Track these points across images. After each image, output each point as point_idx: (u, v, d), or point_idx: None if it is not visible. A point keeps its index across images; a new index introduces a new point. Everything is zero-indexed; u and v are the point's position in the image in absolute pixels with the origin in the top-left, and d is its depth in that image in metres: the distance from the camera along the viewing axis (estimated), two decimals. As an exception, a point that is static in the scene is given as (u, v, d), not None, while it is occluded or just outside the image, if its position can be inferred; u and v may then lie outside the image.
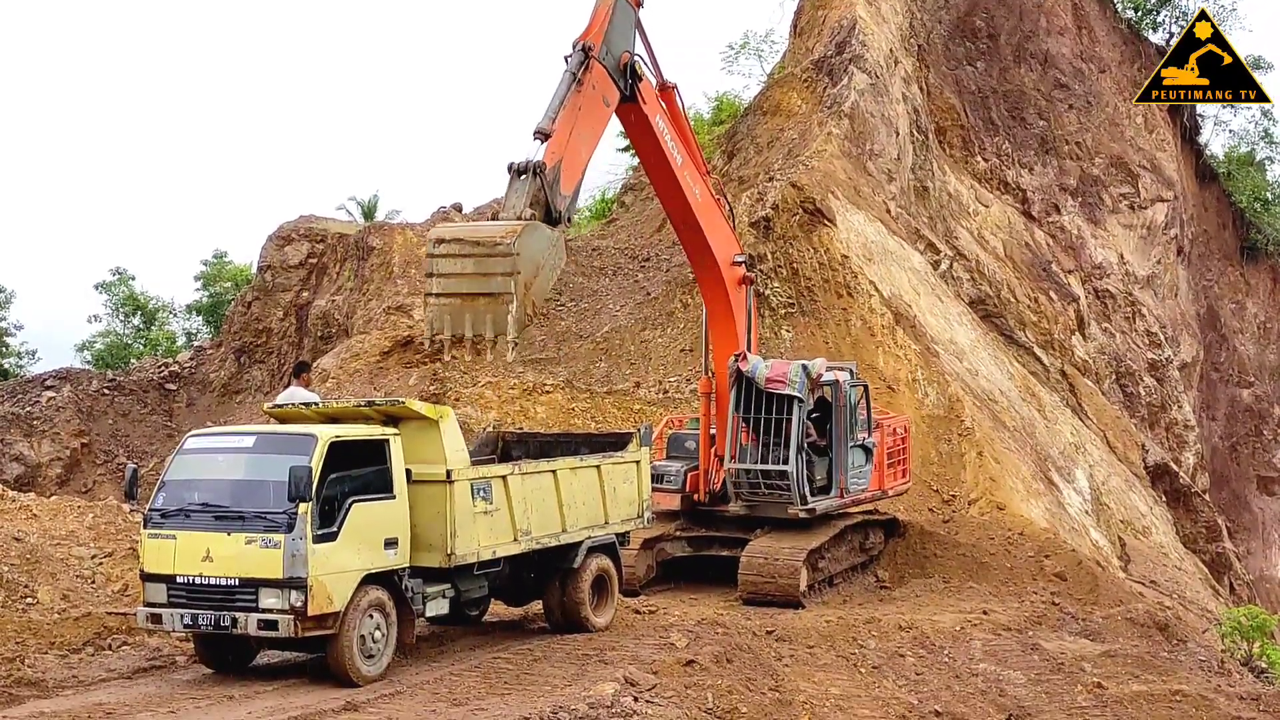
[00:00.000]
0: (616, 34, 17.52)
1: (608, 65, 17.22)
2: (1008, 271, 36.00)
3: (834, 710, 13.64)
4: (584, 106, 16.84)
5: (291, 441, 12.80)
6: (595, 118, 17.27)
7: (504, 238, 14.48)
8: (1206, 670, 17.18)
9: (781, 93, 34.57)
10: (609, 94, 17.36)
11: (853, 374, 21.07)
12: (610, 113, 17.65)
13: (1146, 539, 30.45)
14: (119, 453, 30.42)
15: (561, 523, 15.03)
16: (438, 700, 11.94)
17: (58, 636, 14.34)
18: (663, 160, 18.64)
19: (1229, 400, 47.13)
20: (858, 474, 20.64)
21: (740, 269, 20.48)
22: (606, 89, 17.26)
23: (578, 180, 16.86)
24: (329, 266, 34.32)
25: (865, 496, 21.06)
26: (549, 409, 26.44)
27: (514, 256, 14.48)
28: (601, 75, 17.06)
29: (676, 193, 19.13)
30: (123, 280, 46.53)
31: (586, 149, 17.19)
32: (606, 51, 17.24)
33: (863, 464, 20.77)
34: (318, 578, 12.11)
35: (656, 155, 18.68)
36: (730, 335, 20.44)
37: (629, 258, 34.20)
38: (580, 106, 16.72)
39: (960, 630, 17.12)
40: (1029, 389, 31.14)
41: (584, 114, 16.88)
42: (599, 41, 17.03)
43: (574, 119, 16.58)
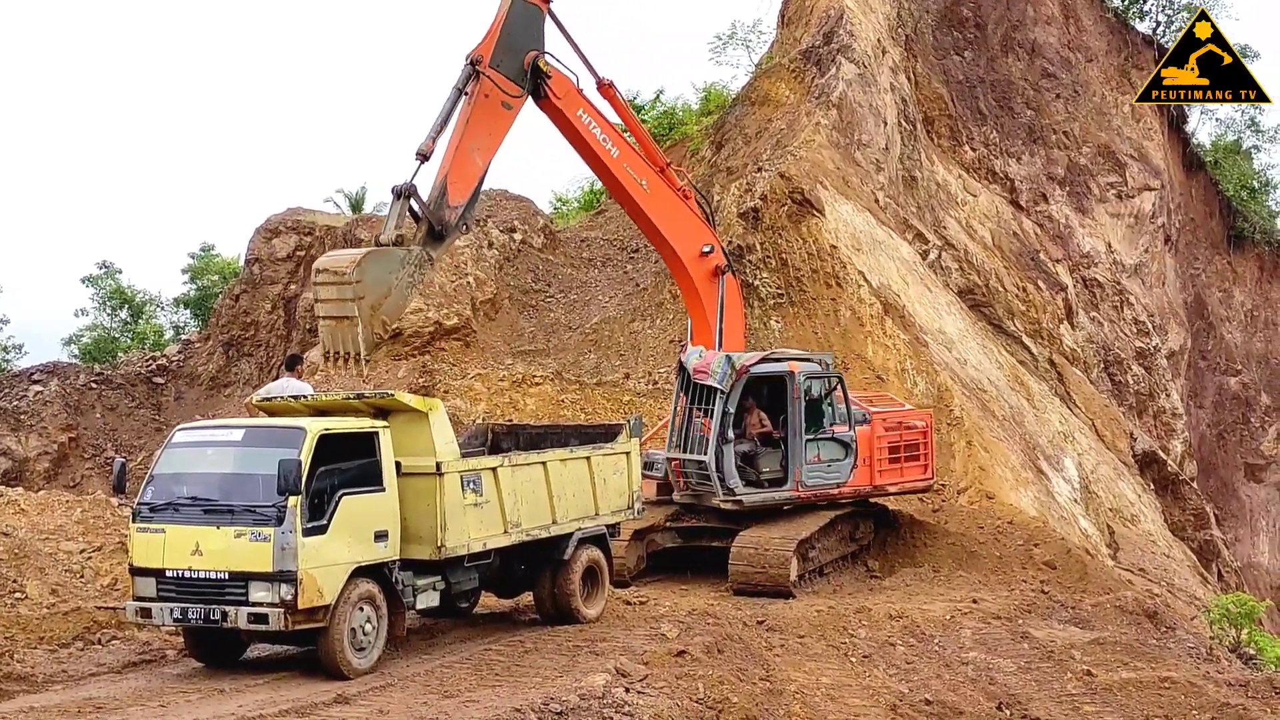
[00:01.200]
0: (519, 37, 18.28)
1: (505, 71, 18.01)
2: (996, 261, 36.04)
3: (825, 699, 13.66)
4: (474, 117, 17.76)
5: (280, 435, 12.77)
6: (492, 124, 18.06)
7: (346, 268, 15.91)
8: (1195, 657, 17.25)
9: (769, 83, 34.55)
10: (508, 97, 18.13)
11: (826, 365, 20.86)
12: (513, 114, 18.33)
13: (1135, 527, 30.55)
14: (107, 447, 30.33)
15: (552, 514, 15.02)
16: (429, 692, 11.93)
17: (47, 631, 14.31)
18: (592, 153, 19.27)
19: (1216, 388, 47.29)
20: (828, 468, 20.23)
21: (710, 260, 20.58)
22: (504, 94, 18.05)
23: (473, 187, 17.86)
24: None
25: (840, 492, 20.50)
26: (538, 401, 26.43)
27: (354, 284, 15.84)
28: (497, 82, 17.90)
29: (618, 186, 19.79)
30: (110, 274, 46.40)
31: (482, 156, 18.07)
32: (503, 58, 18.05)
33: (839, 458, 20.36)
34: (308, 571, 12.09)
35: (585, 149, 19.28)
36: (703, 326, 20.69)
37: (618, 249, 34.20)
38: (469, 118, 17.65)
39: (950, 619, 17.16)
40: (1017, 378, 31.20)
41: (475, 124, 17.82)
42: (488, 52, 17.87)
43: (462, 130, 17.51)
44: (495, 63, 18.04)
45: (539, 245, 33.47)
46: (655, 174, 19.98)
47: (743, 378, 19.69)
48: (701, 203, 21.52)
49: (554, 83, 18.78)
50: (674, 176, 20.55)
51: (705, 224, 21.00)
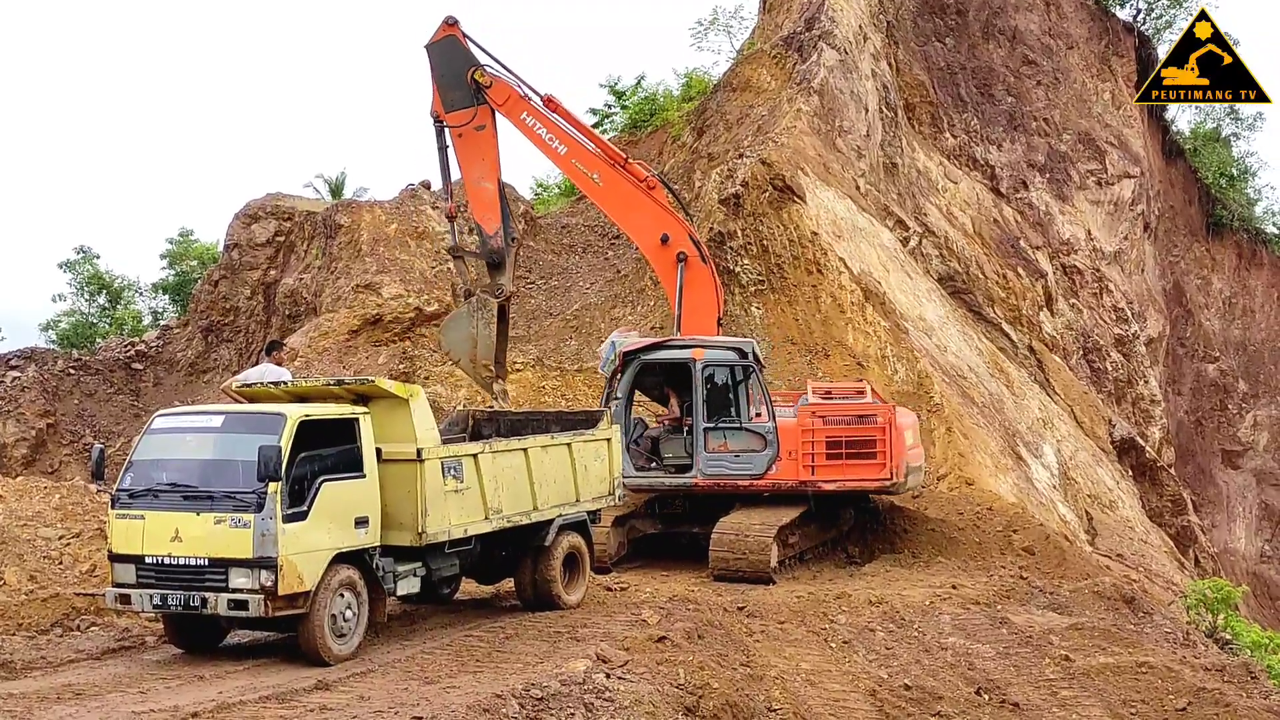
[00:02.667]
0: (451, 70, 20.60)
1: (459, 105, 20.49)
2: (976, 248, 36.13)
3: (805, 685, 13.71)
4: (462, 157, 20.55)
5: (260, 421, 12.73)
6: (478, 151, 20.62)
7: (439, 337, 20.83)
8: (1172, 642, 17.36)
9: (751, 69, 34.54)
10: (477, 120, 20.52)
11: (744, 353, 20.27)
12: (490, 130, 20.66)
13: (1113, 513, 30.72)
14: (85, 433, 30.17)
15: (533, 501, 15.03)
16: (409, 678, 11.93)
17: (25, 618, 14.25)
18: (545, 148, 20.98)
19: (1194, 375, 47.57)
20: (736, 458, 19.80)
21: (670, 248, 20.88)
22: (470, 120, 20.50)
23: (497, 209, 20.64)
24: (297, 245, 34.08)
25: (755, 485, 19.89)
26: (520, 387, 26.41)
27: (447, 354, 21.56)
28: (457, 120, 20.46)
29: (574, 178, 21.67)
30: (87, 259, 46.06)
31: (489, 179, 20.64)
32: (451, 96, 20.55)
33: (754, 449, 19.82)
34: (288, 557, 12.06)
35: (537, 145, 21.00)
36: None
37: (599, 235, 34.17)
38: (459, 161, 20.53)
39: (929, 605, 17.23)
40: (997, 365, 31.31)
41: (466, 161, 20.56)
42: (437, 103, 20.54)
43: (462, 173, 20.57)
44: (448, 106, 20.46)
45: (519, 231, 33.42)
46: (609, 167, 20.83)
47: (627, 363, 19.87)
48: (671, 191, 21.95)
49: (493, 91, 20.55)
50: (636, 168, 21.20)
51: (670, 213, 21.18)
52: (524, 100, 20.77)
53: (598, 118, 44.55)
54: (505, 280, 20.89)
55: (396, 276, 29.14)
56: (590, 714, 10.85)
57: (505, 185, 34.63)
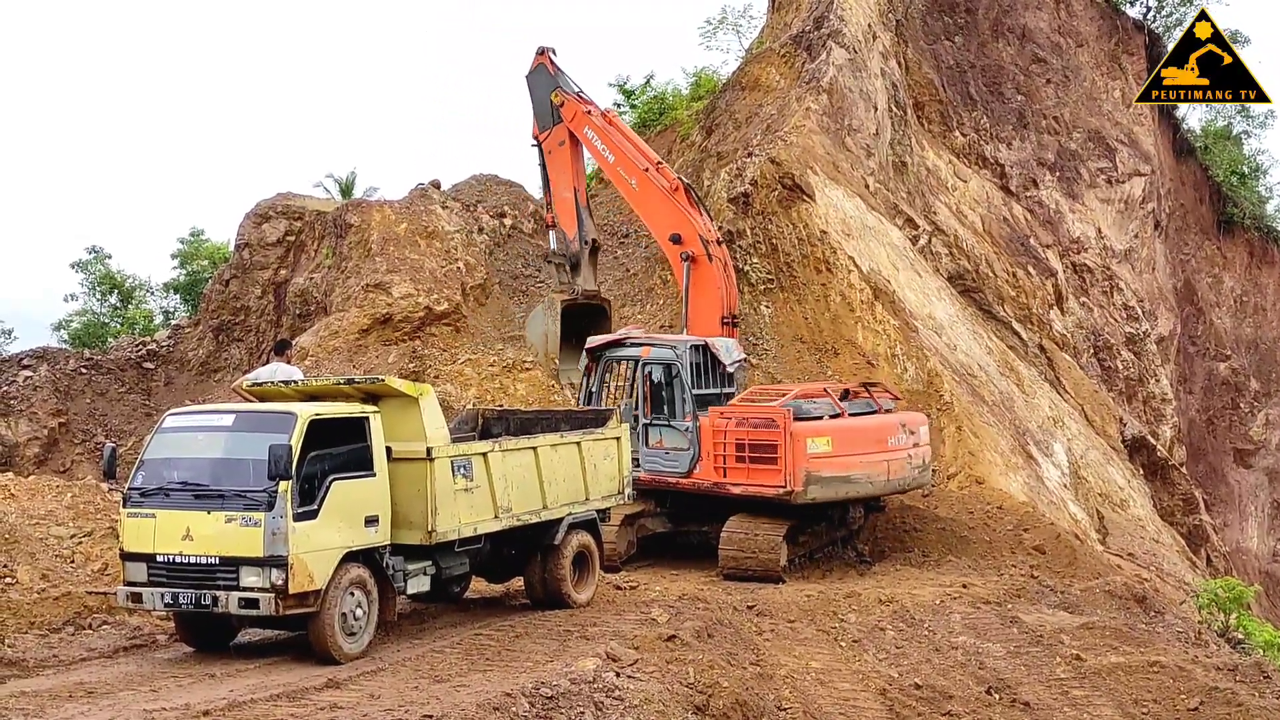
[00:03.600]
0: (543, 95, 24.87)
1: (549, 125, 24.78)
2: (986, 246, 36.04)
3: (815, 684, 13.71)
4: (552, 172, 25.17)
5: (271, 420, 12.76)
6: (561, 164, 24.94)
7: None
8: (1184, 641, 17.33)
9: (760, 68, 34.49)
10: (557, 137, 24.85)
11: (676, 352, 20.20)
12: (570, 146, 24.87)
13: (1124, 512, 30.63)
14: (97, 432, 30.24)
15: (542, 499, 15.04)
16: (419, 677, 11.95)
17: (37, 616, 14.30)
18: (598, 157, 24.34)
19: (1206, 374, 47.40)
20: (667, 455, 19.91)
21: (678, 247, 22.05)
22: (554, 137, 24.84)
23: (575, 215, 25.04)
24: (307, 244, 34.12)
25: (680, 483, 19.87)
26: (529, 386, 26.41)
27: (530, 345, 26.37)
28: (549, 138, 24.87)
29: (617, 183, 24.37)
30: (99, 259, 46.16)
31: (568, 190, 24.95)
32: (544, 120, 24.93)
33: (681, 447, 19.84)
34: (298, 556, 12.09)
35: (593, 154, 24.58)
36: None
37: (608, 234, 34.14)
38: (551, 175, 25.19)
39: (940, 603, 17.22)
40: (1007, 363, 31.23)
41: (555, 174, 25.07)
42: (534, 127, 25.25)
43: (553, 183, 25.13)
44: (541, 127, 24.89)
45: (529, 230, 33.44)
46: (642, 173, 23.12)
47: (595, 358, 20.77)
48: (696, 197, 23.42)
49: (565, 109, 24.49)
50: (667, 173, 23.35)
51: (686, 215, 22.29)
52: (586, 115, 24.09)
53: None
54: (581, 280, 25.01)
55: (406, 276, 29.15)
56: (600, 712, 10.86)
57: (515, 184, 35.03)
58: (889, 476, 19.88)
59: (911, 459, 20.35)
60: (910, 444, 20.42)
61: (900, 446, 20.22)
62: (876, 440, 19.82)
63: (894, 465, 19.92)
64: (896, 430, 20.29)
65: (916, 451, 20.59)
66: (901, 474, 20.13)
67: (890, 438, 20.03)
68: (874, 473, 19.62)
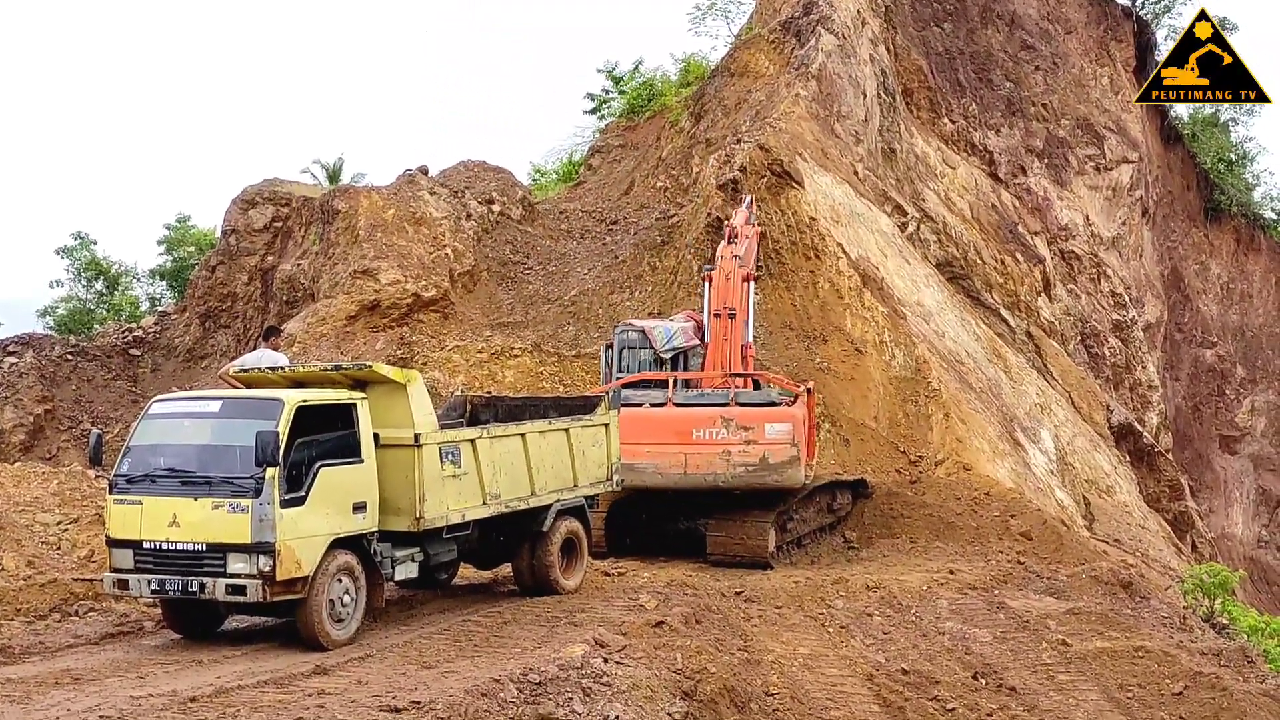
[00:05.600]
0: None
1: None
2: (974, 233, 36.10)
3: (802, 669, 13.74)
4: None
5: (258, 406, 12.70)
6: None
7: None
8: (1169, 626, 17.41)
9: (749, 54, 34.46)
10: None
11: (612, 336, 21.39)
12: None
13: (1110, 498, 30.75)
14: (83, 419, 30.16)
15: (530, 486, 15.02)
16: (407, 663, 11.94)
17: (23, 603, 14.26)
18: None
19: (1192, 360, 47.56)
20: None
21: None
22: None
23: None
24: (294, 230, 34.04)
25: None
26: (517, 372, 26.41)
27: None
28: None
29: None
30: (84, 245, 45.95)
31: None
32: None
33: None
34: (285, 542, 12.05)
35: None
36: None
37: (596, 220, 34.11)
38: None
39: (927, 590, 17.27)
40: (995, 350, 31.30)
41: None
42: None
43: None
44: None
45: (517, 217, 33.36)
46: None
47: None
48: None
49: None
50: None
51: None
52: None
53: (595, 103, 44.48)
54: None
55: (394, 262, 29.10)
56: (588, 698, 10.87)
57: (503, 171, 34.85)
58: (686, 470, 19.15)
59: (732, 455, 19.11)
60: (738, 440, 19.22)
61: (711, 441, 19.25)
62: (676, 432, 19.23)
63: (696, 460, 19.13)
64: (711, 424, 19.32)
65: (749, 449, 19.17)
66: (710, 469, 19.12)
67: (697, 430, 19.27)
68: (664, 464, 19.05)
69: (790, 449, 19.11)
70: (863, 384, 26.04)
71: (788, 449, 19.09)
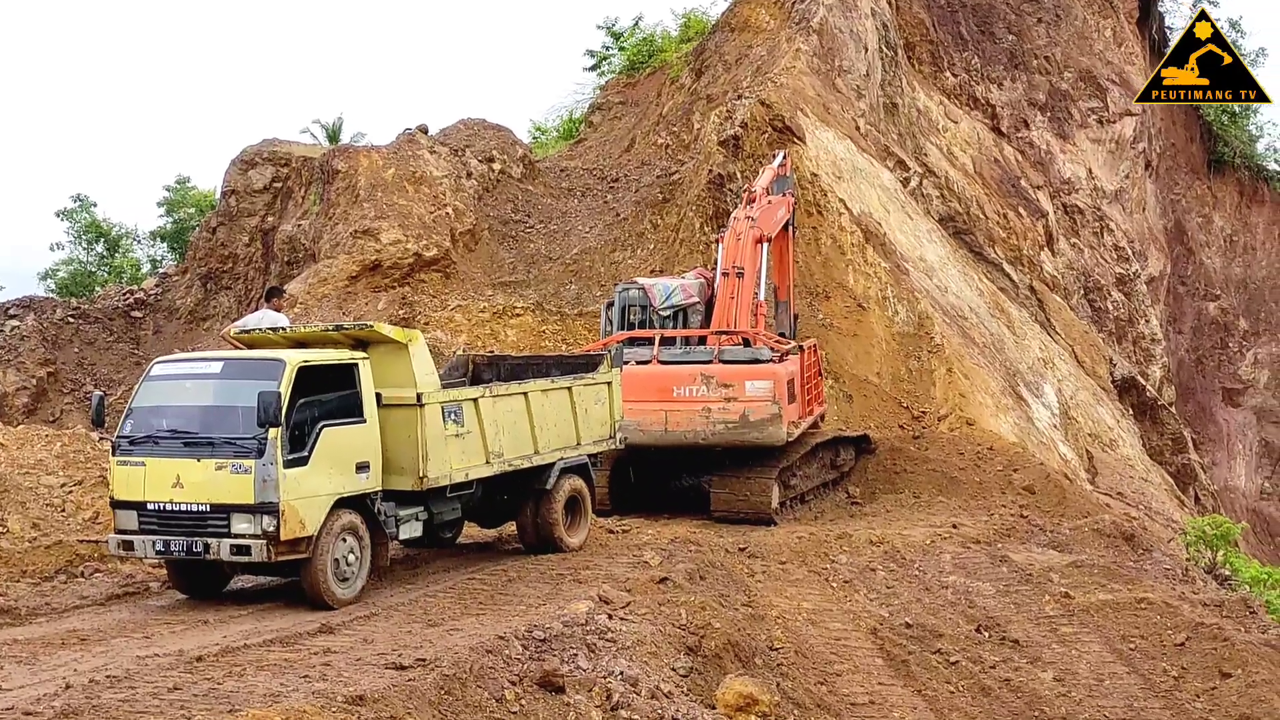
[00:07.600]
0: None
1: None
2: (977, 188, 35.93)
3: (806, 624, 13.81)
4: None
5: (260, 367, 12.70)
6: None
7: None
8: (1171, 578, 17.49)
9: (749, 9, 34.20)
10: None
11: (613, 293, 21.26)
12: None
13: (1113, 452, 30.77)
14: (86, 381, 30.17)
15: (534, 444, 15.04)
16: (413, 621, 12.00)
17: (29, 565, 14.33)
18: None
19: (1195, 314, 47.46)
20: None
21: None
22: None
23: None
24: (294, 191, 33.92)
25: None
26: (519, 332, 26.38)
27: None
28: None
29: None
30: (84, 207, 45.87)
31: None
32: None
33: None
34: (289, 502, 12.09)
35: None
36: None
37: (597, 178, 33.97)
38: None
39: (930, 544, 17.32)
40: (998, 305, 31.24)
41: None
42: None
43: None
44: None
45: (518, 175, 33.22)
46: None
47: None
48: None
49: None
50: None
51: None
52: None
53: (595, 60, 44.23)
54: None
55: (395, 222, 29.00)
56: (593, 654, 10.92)
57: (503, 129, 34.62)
58: (667, 428, 19.23)
59: (711, 412, 19.17)
60: (719, 398, 19.26)
61: (691, 399, 19.36)
62: (658, 390, 19.27)
63: (676, 417, 19.21)
64: (691, 382, 19.38)
65: (729, 406, 19.23)
66: (690, 426, 19.18)
67: (678, 388, 19.34)
68: (646, 422, 19.04)
69: (771, 406, 19.03)
70: (865, 340, 26.00)
71: (768, 406, 19.03)
